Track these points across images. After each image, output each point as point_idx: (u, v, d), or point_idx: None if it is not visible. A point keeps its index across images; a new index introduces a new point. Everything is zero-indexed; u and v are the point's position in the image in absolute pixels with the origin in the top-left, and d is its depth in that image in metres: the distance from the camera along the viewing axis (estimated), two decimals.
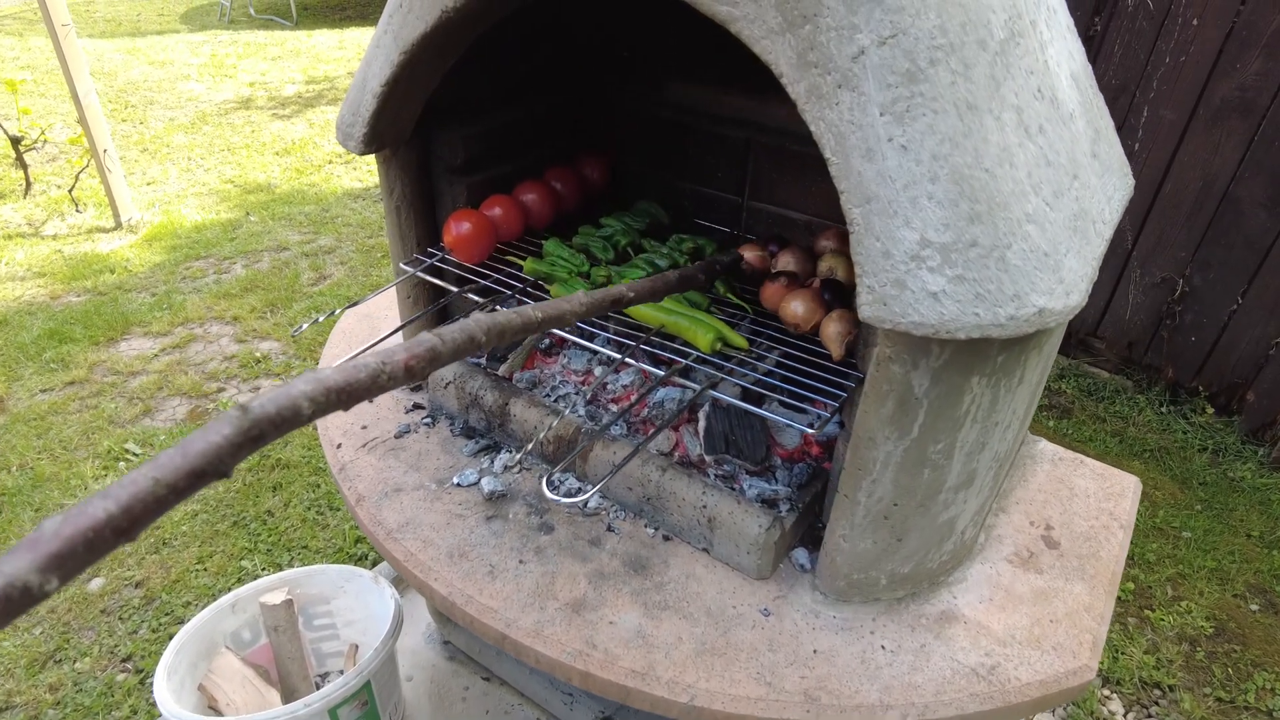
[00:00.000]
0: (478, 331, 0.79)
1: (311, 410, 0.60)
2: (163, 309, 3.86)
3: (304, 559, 2.64)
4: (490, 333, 0.81)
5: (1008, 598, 1.32)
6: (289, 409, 0.59)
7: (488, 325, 0.81)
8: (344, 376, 0.63)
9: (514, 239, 1.66)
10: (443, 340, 0.75)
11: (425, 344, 0.73)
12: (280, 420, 0.58)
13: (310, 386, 0.60)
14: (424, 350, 0.72)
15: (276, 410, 0.58)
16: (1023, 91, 0.97)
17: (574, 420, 1.45)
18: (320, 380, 0.61)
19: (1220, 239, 3.05)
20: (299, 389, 0.60)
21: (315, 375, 0.61)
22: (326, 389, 0.61)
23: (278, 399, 0.58)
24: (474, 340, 0.78)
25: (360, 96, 1.38)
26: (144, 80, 7.15)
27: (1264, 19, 2.75)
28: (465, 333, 0.77)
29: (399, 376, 0.69)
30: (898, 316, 0.93)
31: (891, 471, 1.12)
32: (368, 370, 0.66)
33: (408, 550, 1.37)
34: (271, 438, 0.57)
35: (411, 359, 0.71)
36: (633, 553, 1.35)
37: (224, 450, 0.54)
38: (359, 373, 0.65)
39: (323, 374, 0.62)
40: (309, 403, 0.60)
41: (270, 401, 0.58)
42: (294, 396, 0.59)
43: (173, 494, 0.51)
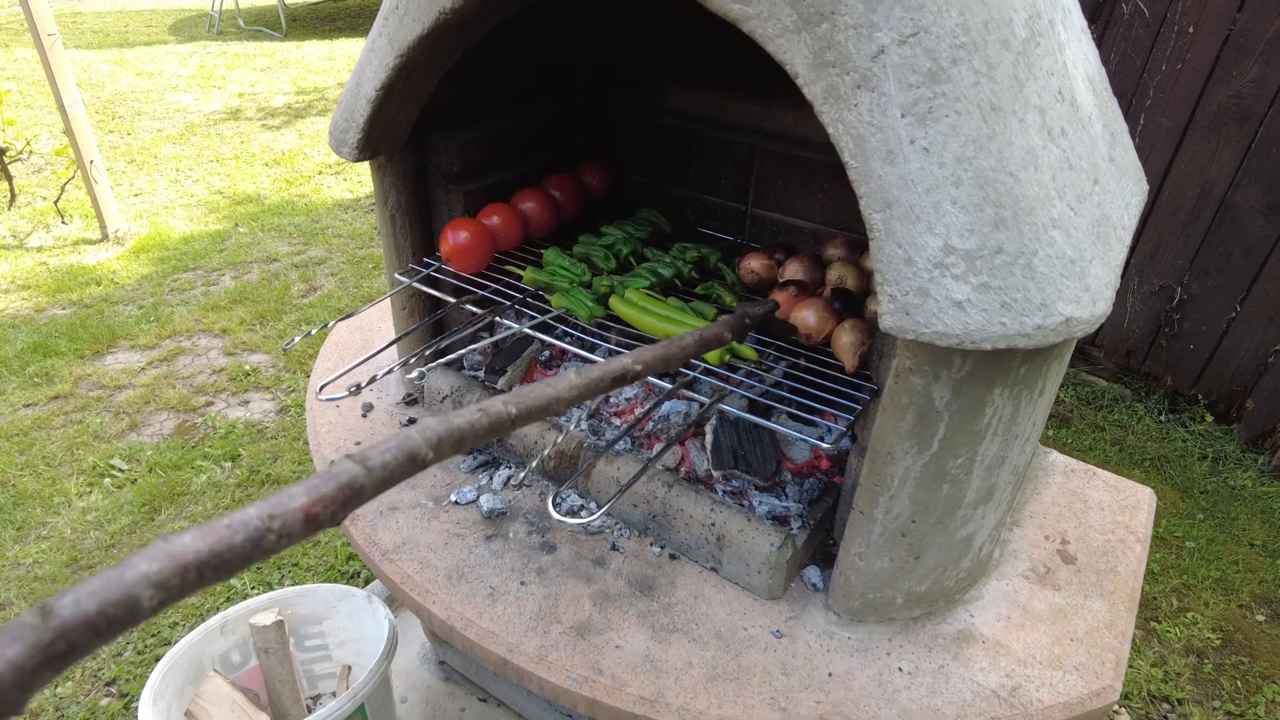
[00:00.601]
0: (421, 447, 0.58)
1: (157, 601, 0.42)
2: (150, 321, 3.79)
3: (295, 577, 2.57)
4: (441, 445, 0.60)
5: (1026, 616, 1.28)
6: (120, 605, 0.40)
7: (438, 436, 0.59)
8: (209, 545, 0.45)
9: (513, 248, 1.62)
10: (368, 468, 0.54)
11: (340, 478, 0.53)
12: (105, 624, 0.40)
13: (156, 566, 0.42)
14: (334, 489, 0.52)
15: (99, 609, 0.40)
16: (1045, 93, 0.93)
17: (576, 435, 1.41)
18: (173, 556, 0.43)
19: (1218, 246, 3.04)
20: (139, 571, 0.41)
21: (167, 547, 0.44)
22: (182, 567, 0.43)
23: (103, 590, 0.40)
24: (415, 458, 0.58)
25: (354, 102, 1.34)
26: (131, 91, 7.09)
27: (1260, 26, 2.74)
28: (403, 451, 0.56)
29: (295, 532, 0.49)
30: (921, 326, 0.89)
31: (910, 487, 1.08)
32: (246, 532, 0.47)
33: (404, 572, 1.32)
34: (90, 649, 0.40)
35: (315, 503, 0.50)
36: (639, 573, 1.30)
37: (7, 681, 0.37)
38: (234, 535, 0.46)
39: (178, 545, 0.44)
40: (153, 591, 0.42)
41: (90, 596, 0.40)
42: (129, 585, 0.41)
43: None
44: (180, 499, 2.79)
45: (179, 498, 2.80)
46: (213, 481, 2.88)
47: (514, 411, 0.68)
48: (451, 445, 0.61)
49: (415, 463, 0.58)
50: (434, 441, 0.59)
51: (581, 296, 1.44)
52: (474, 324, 1.47)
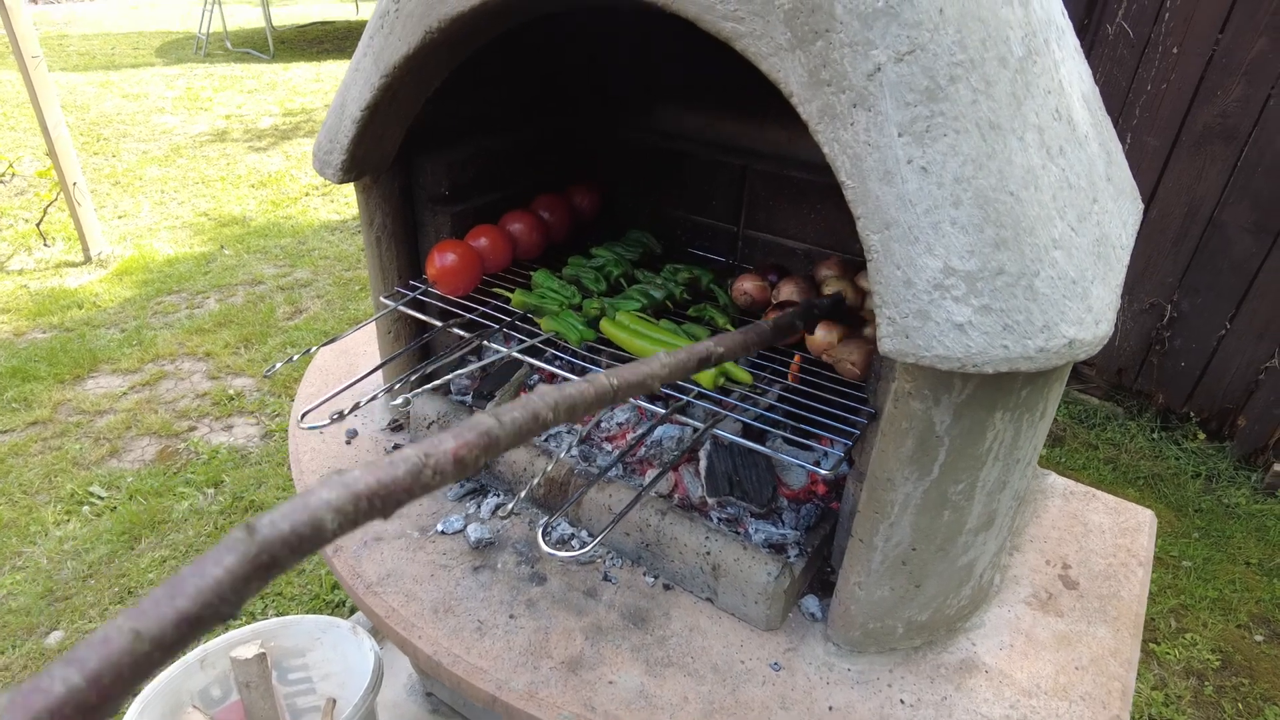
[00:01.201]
0: (543, 408, 0.66)
1: (338, 524, 0.48)
2: (132, 345, 3.74)
3: (279, 607, 2.51)
4: (559, 408, 0.68)
5: (1029, 644, 1.25)
6: (308, 525, 0.46)
7: (555, 400, 0.68)
8: (377, 478, 0.51)
9: (501, 270, 1.59)
10: (501, 423, 0.62)
11: (479, 428, 0.60)
12: (298, 541, 0.46)
13: (335, 494, 0.48)
14: (476, 436, 0.59)
15: (292, 529, 0.46)
16: (1043, 111, 0.92)
17: (567, 462, 1.37)
18: (347, 485, 0.49)
19: (1207, 264, 3.05)
20: (321, 498, 0.48)
21: (341, 479, 0.50)
22: (356, 495, 0.49)
23: (293, 513, 0.46)
24: (539, 419, 0.65)
25: (338, 122, 1.31)
26: (117, 113, 7.05)
27: (1243, 46, 2.77)
28: (528, 410, 0.65)
29: (447, 471, 0.56)
30: (921, 350, 0.86)
31: (910, 514, 1.05)
32: (407, 466, 0.53)
33: (389, 605, 1.28)
34: (287, 564, 0.46)
35: (462, 447, 0.57)
36: (632, 604, 1.26)
37: (225, 586, 0.42)
38: (396, 469, 0.52)
39: (350, 476, 0.50)
40: (334, 515, 0.48)
41: (283, 518, 0.46)
42: (314, 509, 0.47)
43: (159, 650, 0.39)
44: (161, 527, 2.73)
45: (160, 525, 2.73)
46: (195, 509, 2.82)
47: (615, 383, 0.75)
48: (566, 410, 0.69)
49: (538, 423, 0.66)
50: (553, 403, 0.67)
51: (571, 319, 1.41)
52: (461, 348, 1.44)
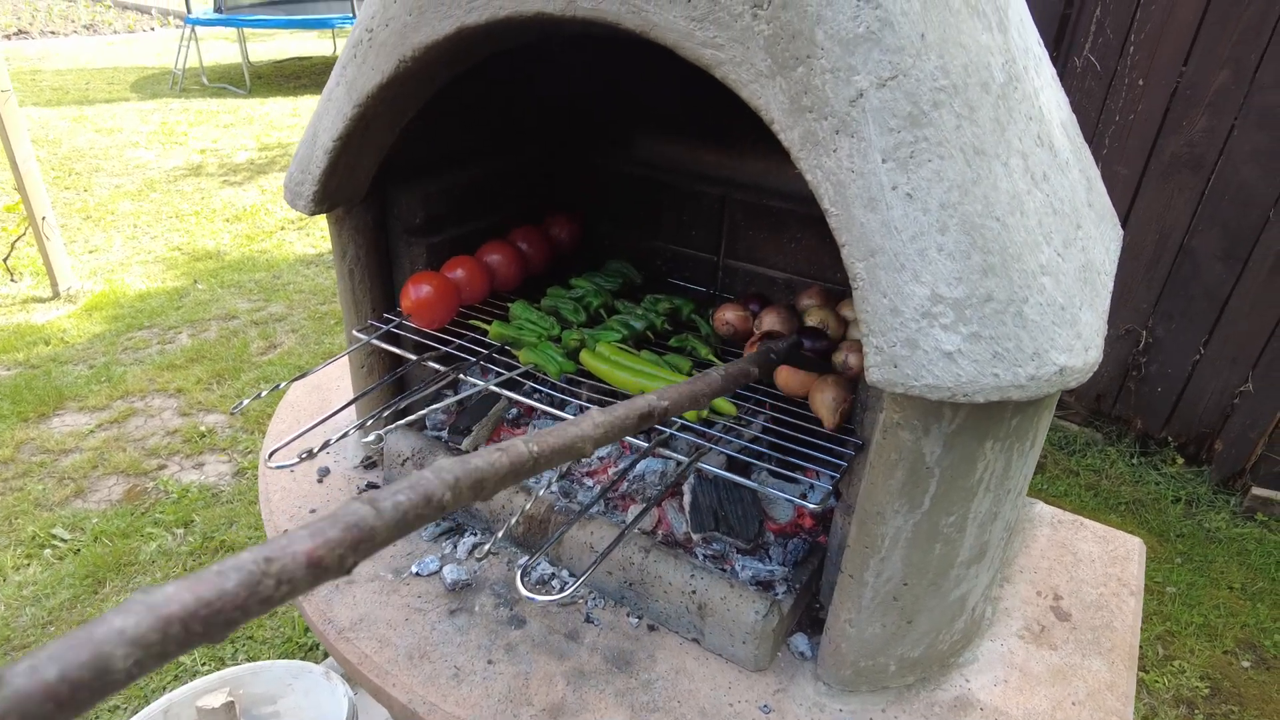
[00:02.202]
0: (438, 487, 0.55)
1: (133, 661, 0.38)
2: (101, 381, 3.64)
3: (249, 651, 2.42)
4: (459, 486, 0.57)
5: (1024, 678, 1.21)
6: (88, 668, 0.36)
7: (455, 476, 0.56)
8: (196, 595, 0.40)
9: (478, 302, 1.56)
10: (378, 510, 0.50)
11: (347, 519, 0.49)
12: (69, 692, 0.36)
13: (132, 621, 0.38)
14: (341, 532, 0.48)
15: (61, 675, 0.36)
16: (1025, 137, 0.91)
17: (546, 499, 1.33)
18: (152, 608, 0.39)
19: (1180, 290, 3.09)
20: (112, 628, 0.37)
21: (145, 599, 0.39)
22: (164, 620, 0.39)
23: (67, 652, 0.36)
24: (432, 501, 0.54)
25: (310, 152, 1.28)
26: (90, 148, 6.98)
27: (1205, 79, 2.83)
28: (418, 492, 0.53)
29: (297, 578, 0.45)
30: (910, 379, 0.84)
31: (902, 548, 1.02)
32: (240, 576, 0.42)
33: (361, 652, 1.22)
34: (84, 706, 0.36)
35: (320, 547, 0.46)
36: (615, 646, 1.22)
37: None
38: (225, 581, 0.42)
39: (158, 596, 0.40)
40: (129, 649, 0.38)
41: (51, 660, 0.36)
42: (98, 643, 0.37)
43: None
44: (127, 569, 2.64)
45: (126, 568, 2.64)
46: (163, 549, 2.73)
47: (535, 450, 0.63)
48: (470, 487, 0.58)
49: (431, 504, 0.55)
50: (450, 483, 0.56)
51: (550, 351, 1.38)
52: (437, 382, 1.40)
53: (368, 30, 1.16)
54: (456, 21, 1.06)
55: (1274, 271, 2.86)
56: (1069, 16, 3.01)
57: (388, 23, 1.13)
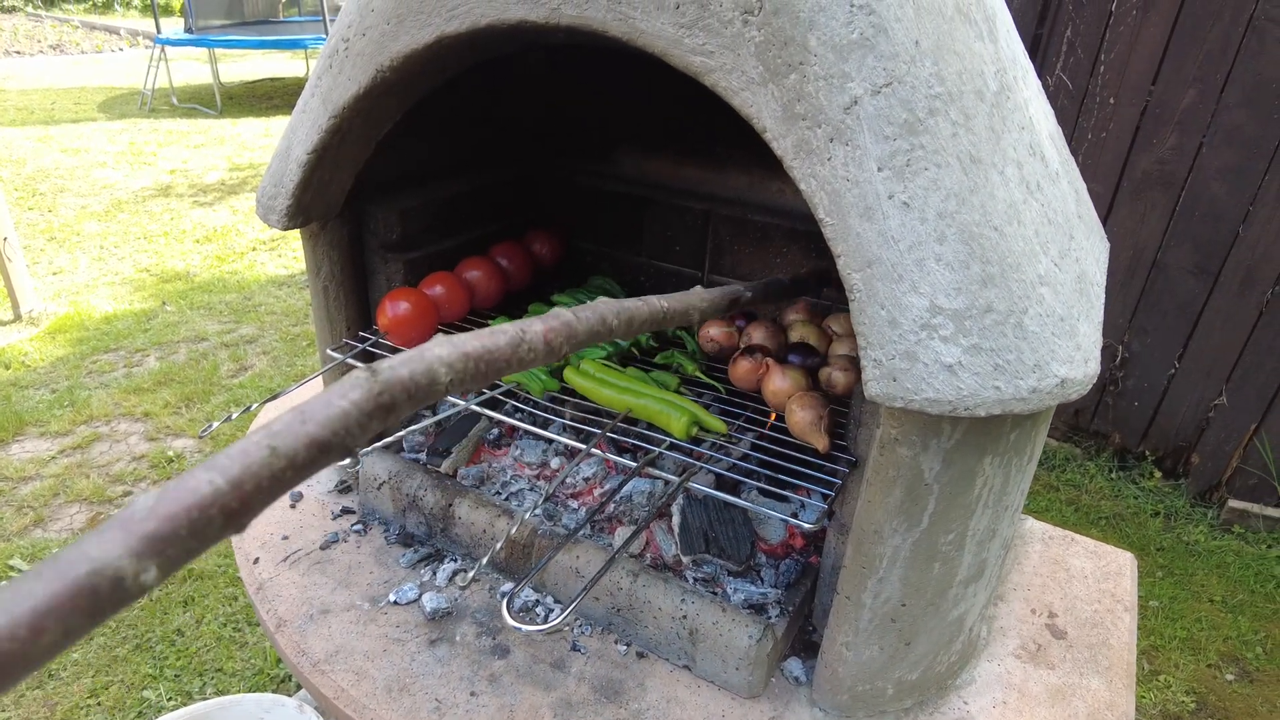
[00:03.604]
0: (608, 313, 0.72)
1: (449, 378, 0.52)
2: (63, 406, 3.53)
3: (218, 685, 2.33)
4: (620, 317, 0.74)
5: (1023, 699, 1.19)
6: (425, 375, 0.50)
7: (618, 309, 0.74)
8: (482, 343, 0.56)
9: (458, 320, 1.52)
10: (577, 316, 0.69)
11: (561, 317, 0.67)
12: (414, 388, 0.49)
13: (446, 351, 0.53)
14: (560, 324, 0.66)
15: (410, 375, 0.49)
16: (1019, 146, 0.90)
17: (530, 523, 1.29)
18: (456, 345, 0.54)
19: (1154, 305, 3.12)
20: (434, 353, 0.52)
21: (450, 340, 0.54)
22: (465, 354, 0.54)
23: (410, 361, 0.50)
24: (605, 322, 0.72)
25: (284, 166, 1.24)
26: (55, 168, 6.85)
27: (1174, 98, 2.88)
28: (596, 314, 0.71)
29: (539, 349, 0.61)
30: (910, 393, 0.81)
31: (900, 568, 0.99)
32: (507, 338, 0.58)
33: (338, 685, 1.16)
34: (403, 409, 0.49)
35: (550, 331, 0.64)
36: (603, 676, 1.17)
37: (352, 418, 0.44)
38: (498, 338, 0.58)
39: (459, 338, 0.55)
40: (447, 369, 0.52)
41: (402, 364, 0.49)
42: (429, 360, 0.51)
43: (291, 469, 0.41)
44: None
45: None
46: None
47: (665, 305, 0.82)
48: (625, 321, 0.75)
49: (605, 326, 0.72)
50: (617, 311, 0.73)
51: (533, 369, 1.34)
52: None
53: (344, 40, 1.13)
54: (436, 30, 1.03)
55: (1245, 286, 2.90)
56: (1041, 36, 3.06)
57: (365, 32, 1.09)
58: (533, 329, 0.61)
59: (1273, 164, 2.74)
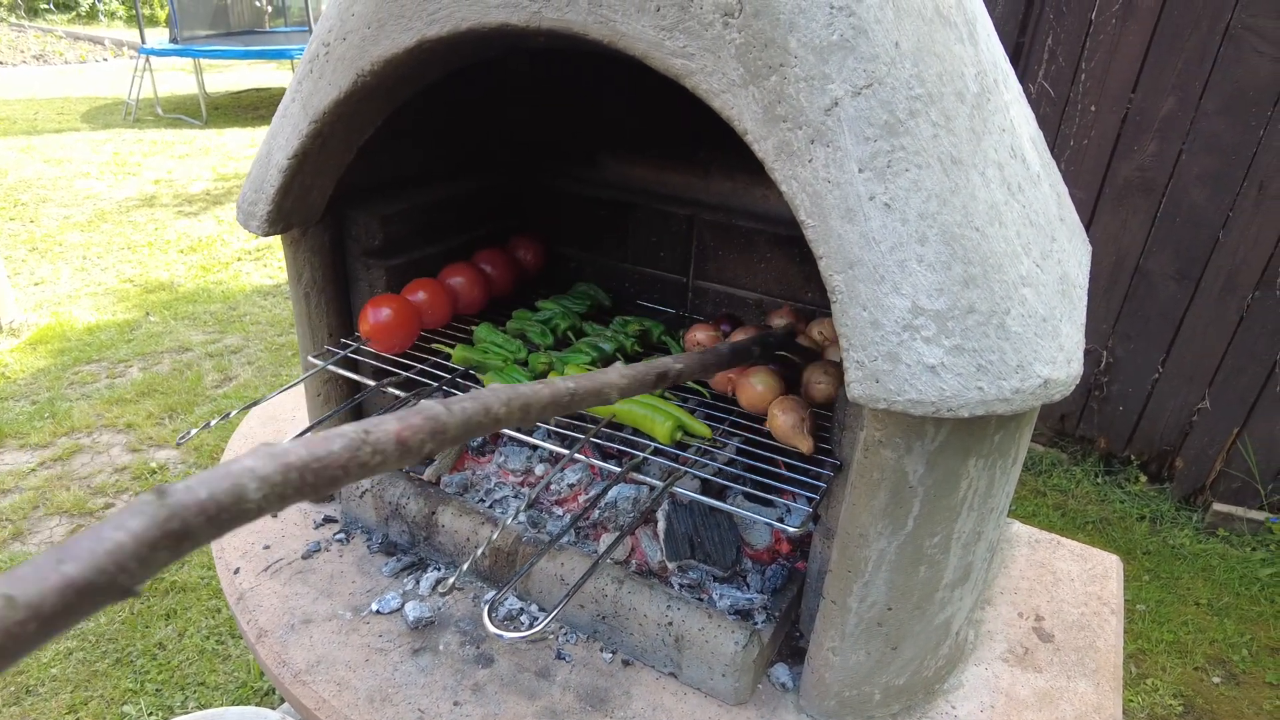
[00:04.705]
0: (495, 402, 0.62)
1: (262, 495, 0.44)
2: (44, 418, 3.49)
3: (201, 699, 2.30)
4: (511, 405, 0.64)
5: (1010, 704, 1.18)
6: (229, 494, 0.42)
7: (507, 396, 0.64)
8: (310, 451, 0.47)
9: (441, 326, 1.51)
10: (449, 410, 0.58)
11: (426, 412, 0.56)
12: (215, 510, 0.42)
13: (261, 463, 0.45)
14: (422, 420, 0.55)
15: (210, 495, 0.41)
16: (1000, 148, 0.90)
17: (514, 529, 1.28)
18: (276, 456, 0.45)
19: (1137, 311, 3.14)
20: (244, 465, 0.44)
21: (270, 450, 0.46)
22: (285, 467, 0.45)
23: (212, 480, 0.42)
24: (490, 413, 0.62)
25: (264, 171, 1.23)
26: (38, 178, 6.79)
27: (1154, 105, 2.91)
28: (479, 402, 0.61)
29: (388, 452, 0.52)
30: (893, 395, 0.81)
31: (885, 571, 0.99)
32: (344, 442, 0.49)
33: (319, 696, 1.14)
34: (202, 537, 0.41)
35: (406, 429, 0.53)
36: (588, 684, 1.16)
37: (127, 552, 0.38)
38: (331, 444, 0.48)
39: (280, 448, 0.46)
40: (259, 484, 0.44)
41: (200, 484, 0.42)
42: (236, 475, 0.43)
43: (36, 621, 0.34)
44: None
45: None
46: None
47: (572, 387, 0.73)
48: (520, 408, 0.65)
49: (489, 416, 0.62)
50: (505, 400, 0.64)
51: (517, 375, 1.33)
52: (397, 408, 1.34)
53: (324, 44, 1.12)
54: (417, 34, 1.03)
55: (1225, 291, 2.93)
56: (1022, 44, 3.08)
57: (345, 36, 1.09)
58: (381, 429, 0.52)
59: (1251, 171, 2.77)
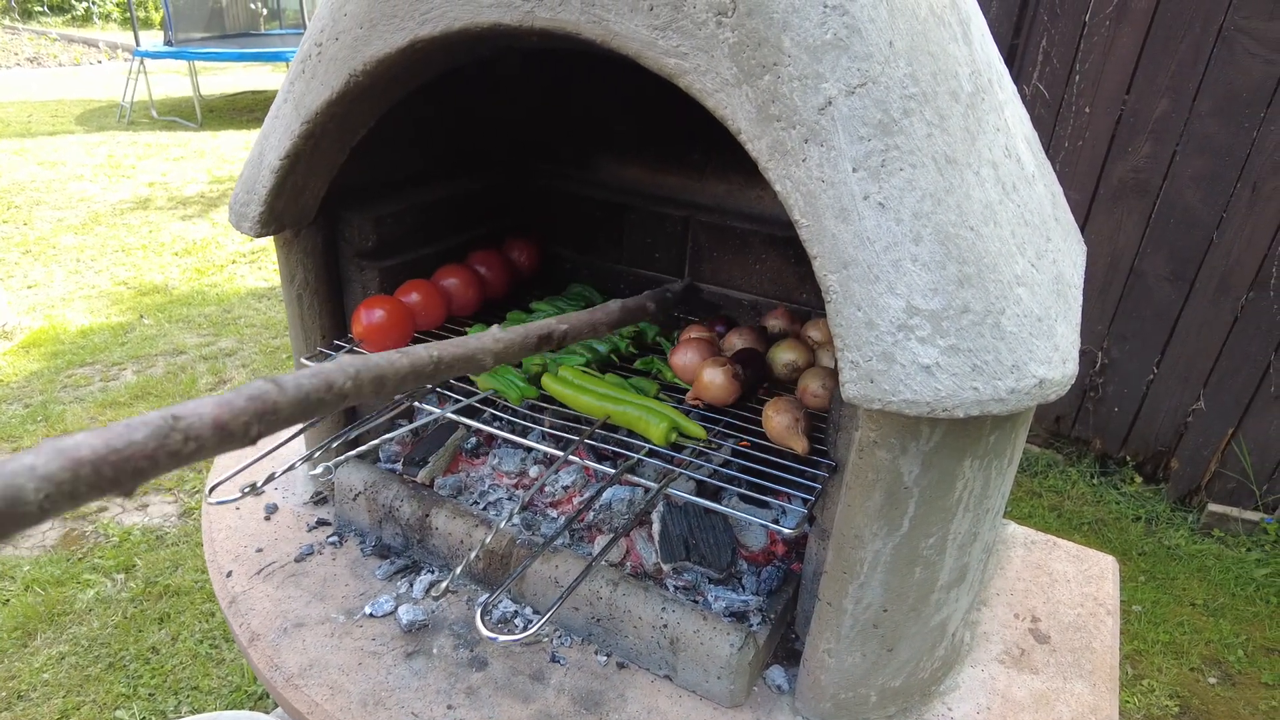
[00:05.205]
0: (340, 377, 0.55)
1: (45, 496, 0.37)
2: (36, 421, 3.47)
3: (194, 703, 2.28)
4: (360, 378, 0.56)
5: (1007, 706, 1.18)
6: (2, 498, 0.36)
7: (356, 369, 0.56)
8: (106, 441, 0.40)
9: (434, 328, 1.50)
10: (281, 386, 0.51)
11: (251, 391, 0.50)
12: None
13: (44, 459, 0.38)
14: (246, 401, 0.48)
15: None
16: (994, 147, 0.90)
17: (508, 532, 1.27)
18: (64, 450, 0.39)
19: (1132, 312, 3.15)
20: (23, 463, 0.37)
21: (56, 443, 0.39)
22: (75, 462, 0.39)
23: None
24: (333, 388, 0.54)
25: (256, 173, 1.23)
26: (31, 181, 6.77)
27: (1147, 107, 2.92)
28: (320, 377, 0.53)
29: (204, 438, 0.45)
30: (888, 395, 0.81)
31: (881, 573, 0.98)
32: (149, 430, 0.42)
33: (312, 700, 1.14)
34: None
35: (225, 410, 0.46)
36: (583, 687, 1.15)
37: None
38: (134, 433, 0.42)
39: (69, 441, 0.40)
40: (37, 484, 0.37)
41: None
42: (9, 474, 0.36)
43: None
44: (61, 619, 2.48)
45: (59, 618, 2.48)
46: (101, 597, 2.57)
47: (436, 355, 0.65)
48: (371, 382, 0.58)
49: (332, 391, 0.55)
50: (351, 374, 0.57)
51: (511, 376, 1.33)
52: (390, 410, 1.34)
53: (317, 44, 1.12)
54: (410, 34, 1.03)
55: (1219, 292, 2.93)
56: (1017, 46, 3.09)
57: (338, 36, 1.08)
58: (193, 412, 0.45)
59: (1244, 172, 2.78)
